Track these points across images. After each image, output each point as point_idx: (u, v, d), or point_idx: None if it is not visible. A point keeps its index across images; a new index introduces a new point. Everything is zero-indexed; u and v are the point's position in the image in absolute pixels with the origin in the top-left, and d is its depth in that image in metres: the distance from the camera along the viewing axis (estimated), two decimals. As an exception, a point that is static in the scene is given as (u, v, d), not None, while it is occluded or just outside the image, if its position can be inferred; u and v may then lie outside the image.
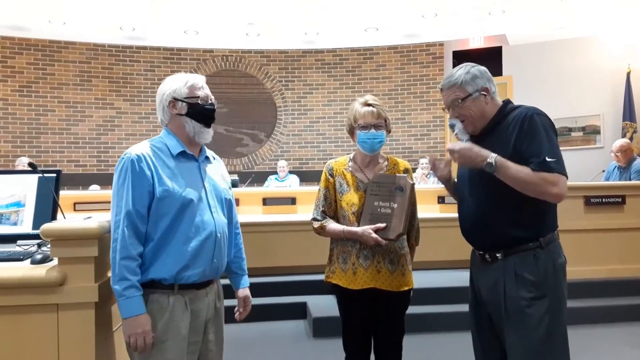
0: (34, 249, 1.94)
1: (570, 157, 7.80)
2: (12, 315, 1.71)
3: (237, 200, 5.27)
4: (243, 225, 4.98)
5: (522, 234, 1.84)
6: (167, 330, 1.72)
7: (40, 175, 2.09)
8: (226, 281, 2.12)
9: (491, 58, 8.39)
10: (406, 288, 2.21)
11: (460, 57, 8.58)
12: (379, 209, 2.14)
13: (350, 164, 2.29)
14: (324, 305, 4.05)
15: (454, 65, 8.84)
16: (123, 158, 1.74)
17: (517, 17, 7.19)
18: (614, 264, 4.41)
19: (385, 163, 2.29)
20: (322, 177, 2.29)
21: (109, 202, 1.76)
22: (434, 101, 8.60)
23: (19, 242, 2.01)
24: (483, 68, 1.97)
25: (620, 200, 4.45)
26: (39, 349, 1.71)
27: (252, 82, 8.84)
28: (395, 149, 8.48)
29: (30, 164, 2.17)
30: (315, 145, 8.87)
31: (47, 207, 2.07)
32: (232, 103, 8.71)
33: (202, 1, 6.47)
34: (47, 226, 1.73)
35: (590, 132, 7.96)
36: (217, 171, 1.97)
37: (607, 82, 7.83)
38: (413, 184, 2.18)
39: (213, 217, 1.83)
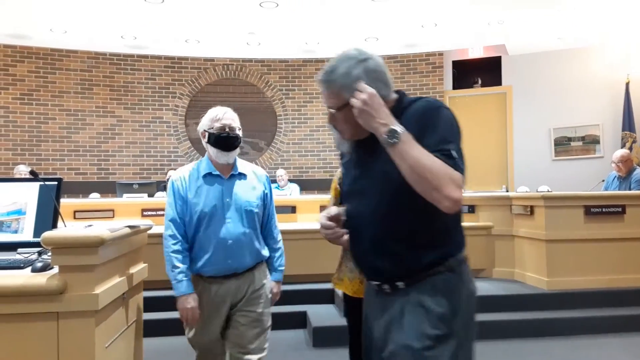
0: (34, 257, 1.93)
1: (570, 166, 7.84)
2: (12, 324, 1.70)
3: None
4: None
5: (429, 254, 1.44)
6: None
7: (42, 183, 2.10)
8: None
9: (490, 68, 8.44)
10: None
11: (459, 66, 8.64)
12: None
13: None
14: (324, 315, 4.04)
15: (454, 76, 8.86)
16: (170, 179, 2.36)
17: (516, 28, 7.24)
18: (614, 274, 4.40)
19: None
20: (332, 186, 2.30)
21: (110, 210, 1.87)
22: (434, 110, 8.63)
23: (20, 250, 2.00)
24: (375, 63, 1.48)
25: (620, 210, 4.45)
26: (39, 357, 1.70)
27: (253, 90, 8.87)
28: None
29: (31, 172, 2.17)
30: (316, 153, 8.89)
31: (47, 215, 2.06)
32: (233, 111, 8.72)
33: (203, 10, 6.51)
34: (48, 234, 1.73)
35: (590, 142, 7.98)
36: (247, 186, 2.34)
37: (606, 92, 7.86)
38: None
39: (227, 228, 2.24)
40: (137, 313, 2.34)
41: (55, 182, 2.10)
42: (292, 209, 5.47)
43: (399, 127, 1.35)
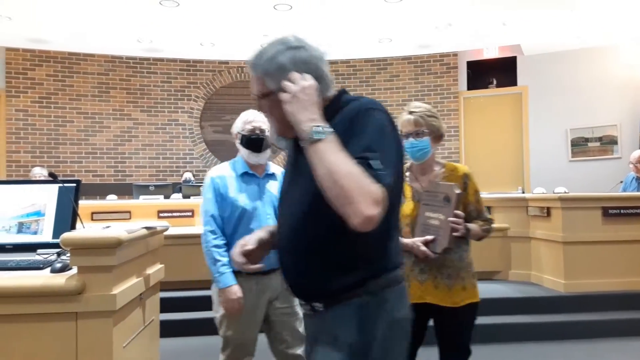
0: (53, 257, 1.95)
1: (587, 167, 7.73)
2: (32, 323, 1.72)
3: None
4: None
5: (346, 275, 1.27)
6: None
7: (61, 185, 2.13)
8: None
9: (506, 68, 8.36)
10: (468, 302, 2.12)
11: (474, 67, 8.58)
12: (429, 220, 2.08)
13: (407, 173, 2.24)
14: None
15: (469, 76, 8.80)
16: (208, 177, 2.45)
17: (531, 27, 7.17)
18: (632, 276, 4.33)
19: (442, 170, 2.21)
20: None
21: (126, 212, 1.89)
22: (448, 111, 8.58)
23: (39, 250, 2.02)
24: (308, 54, 1.33)
25: (639, 211, 4.38)
26: (58, 357, 1.72)
27: (267, 92, 8.90)
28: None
29: (50, 174, 2.21)
30: (329, 155, 8.88)
31: (66, 217, 2.09)
32: (247, 114, 8.78)
33: (218, 14, 6.56)
34: (67, 235, 1.75)
35: (607, 143, 7.86)
36: (278, 185, 2.39)
37: (624, 92, 7.74)
38: (459, 194, 2.05)
39: (267, 224, 2.20)
40: (154, 313, 2.36)
41: (74, 184, 2.13)
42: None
43: (325, 126, 1.20)
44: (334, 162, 1.14)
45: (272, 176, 2.48)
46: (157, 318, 2.45)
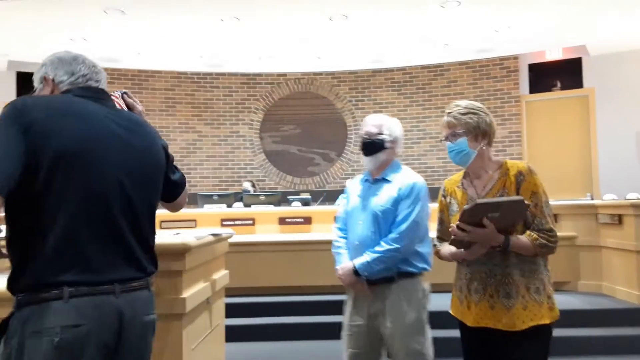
0: None
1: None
2: None
3: (309, 219, 5.46)
4: (315, 243, 5.04)
5: (150, 263, 1.46)
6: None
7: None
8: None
9: (570, 70, 8.01)
10: (532, 324, 1.78)
11: (536, 69, 8.29)
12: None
13: (463, 180, 2.02)
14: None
15: (531, 79, 8.56)
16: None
17: (597, 27, 6.84)
18: None
19: (497, 172, 1.93)
20: (438, 199, 2.11)
21: (192, 220, 1.95)
22: (510, 116, 8.33)
23: None
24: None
25: None
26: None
27: (323, 102, 9.03)
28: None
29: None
30: (387, 163, 8.86)
31: None
32: (305, 124, 8.95)
33: (276, 27, 6.75)
34: None
35: (685, 145, 7.33)
36: (385, 190, 2.34)
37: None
38: (476, 205, 1.75)
39: (357, 229, 2.34)
40: (220, 318, 2.46)
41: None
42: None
43: None
44: None
45: (383, 181, 2.37)
46: (223, 322, 2.55)
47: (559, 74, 8.13)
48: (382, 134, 2.37)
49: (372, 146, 2.36)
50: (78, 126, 1.32)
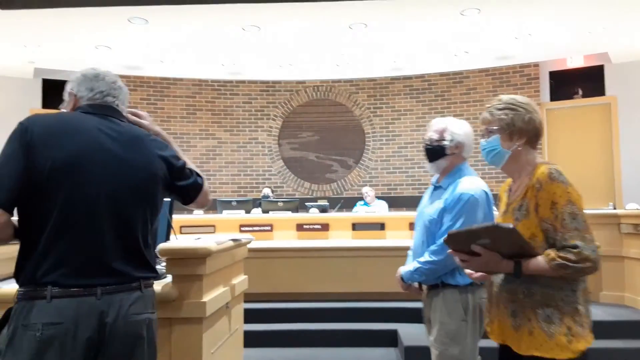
0: None
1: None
2: None
3: (326, 225, 5.48)
4: (333, 250, 5.06)
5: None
6: None
7: (157, 200, 2.33)
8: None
9: (592, 78, 7.90)
10: (536, 354, 1.58)
11: (557, 77, 8.19)
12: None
13: (512, 183, 1.83)
14: (415, 334, 3.99)
15: (552, 87, 8.44)
16: None
17: (620, 34, 6.75)
18: None
19: (527, 178, 1.71)
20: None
21: (211, 226, 1.98)
22: (530, 124, 8.24)
23: None
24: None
25: None
26: None
27: (342, 110, 9.06)
28: (488, 173, 8.21)
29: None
30: (404, 170, 8.84)
31: (162, 229, 2.26)
32: (323, 131, 8.99)
33: (296, 35, 6.81)
34: (163, 245, 1.89)
35: None
36: (436, 198, 2.31)
37: None
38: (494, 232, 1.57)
39: (414, 237, 2.40)
40: (238, 322, 2.48)
41: (169, 200, 2.32)
42: (381, 226, 5.49)
43: None
44: None
45: (439, 188, 2.33)
46: (242, 327, 2.57)
47: (581, 82, 8.03)
48: (443, 140, 2.29)
49: (433, 153, 2.32)
50: (68, 143, 1.47)
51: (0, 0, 5.40)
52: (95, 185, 1.47)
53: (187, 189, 1.71)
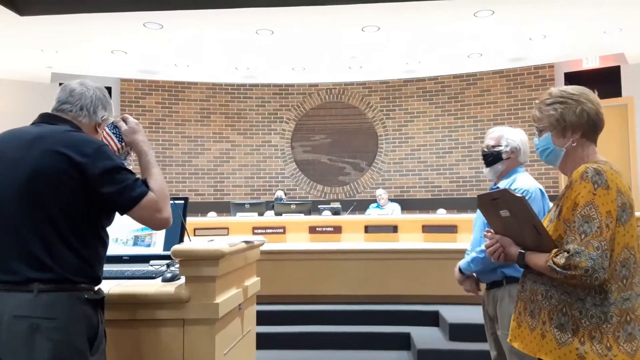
0: (164, 268, 2.12)
1: None
2: (144, 328, 1.85)
3: (339, 228, 5.48)
4: (345, 252, 5.07)
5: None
6: None
7: (171, 202, 2.35)
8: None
9: (608, 79, 7.79)
10: (545, 359, 1.50)
11: (573, 78, 8.10)
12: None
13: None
14: (429, 337, 3.97)
15: (566, 88, 8.25)
16: None
17: (636, 34, 6.65)
18: None
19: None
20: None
21: (224, 228, 1.98)
22: (545, 126, 8.16)
23: (152, 262, 2.21)
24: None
25: None
26: (167, 360, 1.86)
27: (354, 112, 9.06)
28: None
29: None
30: (417, 173, 8.81)
31: (176, 231, 2.29)
32: (335, 133, 9.00)
33: (309, 39, 6.84)
34: (177, 247, 1.89)
35: None
36: None
37: None
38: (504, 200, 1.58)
39: (472, 236, 2.48)
40: (251, 324, 2.48)
41: (182, 201, 2.35)
42: (394, 229, 5.47)
43: None
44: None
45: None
46: (254, 329, 2.57)
47: (597, 83, 7.90)
48: (499, 145, 2.45)
49: (490, 158, 2.47)
50: None
51: (18, 6, 5.51)
52: None
53: (107, 196, 1.54)
